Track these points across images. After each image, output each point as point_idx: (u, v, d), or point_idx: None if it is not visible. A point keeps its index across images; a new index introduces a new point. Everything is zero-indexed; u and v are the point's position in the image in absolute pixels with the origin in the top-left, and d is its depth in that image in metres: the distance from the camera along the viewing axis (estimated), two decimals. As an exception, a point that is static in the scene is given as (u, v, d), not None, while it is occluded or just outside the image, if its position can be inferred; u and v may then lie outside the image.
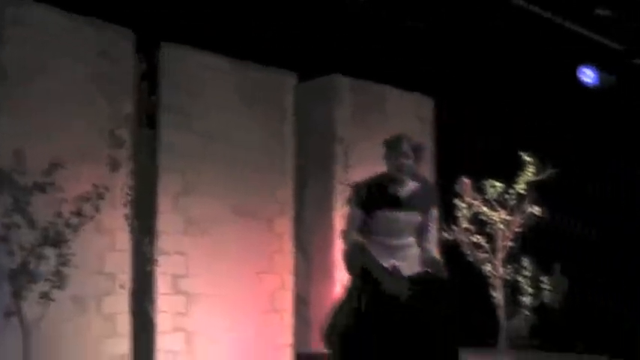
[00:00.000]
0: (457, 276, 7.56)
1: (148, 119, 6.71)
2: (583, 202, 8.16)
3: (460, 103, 8.69)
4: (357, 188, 5.03)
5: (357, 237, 4.90)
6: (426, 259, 4.85)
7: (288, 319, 7.43)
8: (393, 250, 4.83)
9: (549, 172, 6.94)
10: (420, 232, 4.94)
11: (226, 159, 7.08)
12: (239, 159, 7.18)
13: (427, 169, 8.16)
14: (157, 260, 6.55)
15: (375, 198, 4.92)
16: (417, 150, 4.97)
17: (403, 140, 4.96)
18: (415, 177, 4.99)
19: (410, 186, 4.94)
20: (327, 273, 7.67)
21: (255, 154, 7.32)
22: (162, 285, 6.57)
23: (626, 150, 8.10)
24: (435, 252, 4.95)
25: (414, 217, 4.91)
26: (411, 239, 4.90)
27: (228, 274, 6.98)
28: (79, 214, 5.87)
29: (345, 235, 4.99)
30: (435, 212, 5.06)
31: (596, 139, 8.24)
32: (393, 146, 4.93)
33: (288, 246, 7.52)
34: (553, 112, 8.31)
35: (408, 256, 4.84)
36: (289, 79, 7.65)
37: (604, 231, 8.05)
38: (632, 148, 8.07)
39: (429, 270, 4.79)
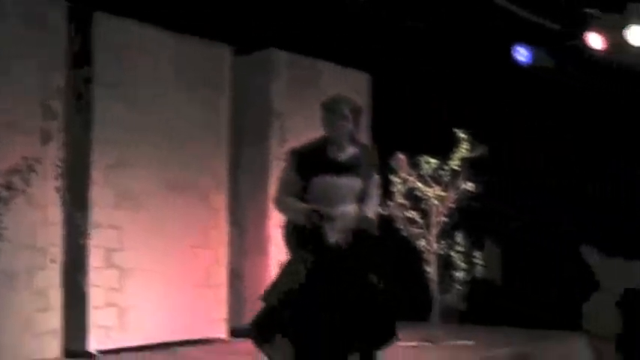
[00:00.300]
0: (392, 251, 7.68)
1: (81, 91, 6.58)
2: (515, 178, 8.30)
3: (396, 79, 8.74)
4: (293, 153, 4.84)
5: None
6: (359, 218, 4.71)
7: (222, 294, 7.42)
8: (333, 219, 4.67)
9: (483, 148, 7.02)
10: (361, 199, 4.80)
11: (161, 132, 6.99)
12: (174, 132, 7.10)
13: (366, 136, 8.21)
14: (89, 234, 6.46)
15: (312, 163, 4.74)
16: (356, 113, 4.84)
17: (342, 102, 4.81)
18: (354, 141, 4.84)
19: (349, 150, 4.79)
20: (262, 248, 7.67)
21: (190, 128, 7.24)
22: (95, 259, 6.48)
23: (559, 127, 8.26)
24: (371, 213, 4.80)
25: (355, 183, 4.76)
26: (353, 206, 4.75)
27: (163, 248, 6.93)
28: (9, 187, 5.77)
29: (277, 199, 4.83)
30: (376, 177, 4.94)
31: (528, 116, 8.37)
32: (331, 108, 4.78)
33: (223, 221, 7.49)
34: (487, 89, 8.41)
35: (348, 225, 4.70)
36: (226, 53, 7.59)
37: (536, 206, 8.22)
38: (565, 125, 8.23)
39: (361, 227, 4.67)
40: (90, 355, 6.34)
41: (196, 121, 7.30)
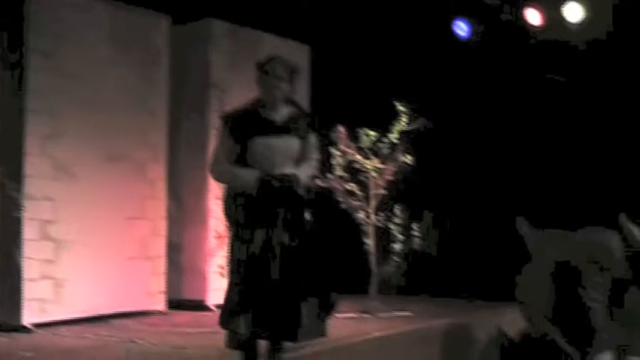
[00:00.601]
0: (331, 223, 7.69)
1: (13, 60, 6.42)
2: (453, 150, 8.39)
3: (336, 51, 8.72)
4: (226, 118, 4.75)
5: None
6: (288, 175, 4.65)
7: (160, 266, 7.36)
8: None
9: (422, 122, 7.06)
10: (300, 163, 4.73)
11: (97, 102, 6.87)
12: (110, 103, 6.99)
13: (305, 97, 8.19)
14: (24, 206, 6.34)
15: (247, 126, 4.63)
16: (292, 73, 4.75)
17: (277, 62, 4.71)
18: (290, 102, 4.78)
19: (284, 111, 4.71)
20: (201, 219, 7.63)
21: (127, 98, 7.14)
22: (29, 231, 6.36)
23: (496, 100, 8.36)
24: (304, 175, 4.73)
25: (293, 144, 4.69)
26: (291, 171, 4.68)
27: (99, 220, 6.83)
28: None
29: (215, 168, 4.73)
30: (314, 139, 4.86)
31: (468, 90, 8.45)
32: (266, 69, 4.68)
33: (160, 192, 7.42)
34: (428, 63, 8.45)
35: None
36: (163, 22, 7.48)
37: (473, 178, 8.33)
38: (502, 98, 8.33)
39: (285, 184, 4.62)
40: (24, 328, 6.24)
41: (133, 92, 7.19)
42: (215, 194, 6.79)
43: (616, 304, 5.32)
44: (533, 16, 8.02)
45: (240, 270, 4.62)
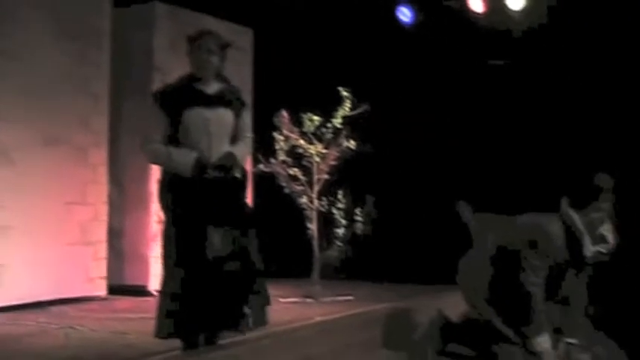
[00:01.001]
0: (274, 209, 7.70)
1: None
2: (396, 135, 8.44)
3: (280, 35, 8.68)
4: (157, 94, 4.69)
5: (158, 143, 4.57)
6: (225, 154, 4.61)
7: (102, 252, 7.28)
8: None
9: (365, 107, 7.09)
10: (234, 139, 4.71)
11: (37, 85, 6.75)
12: (51, 86, 6.87)
13: (248, 82, 8.13)
14: (-41, 190, 6.21)
15: (180, 99, 4.58)
16: (223, 48, 4.74)
17: (208, 36, 4.70)
18: (221, 77, 4.76)
19: (217, 86, 4.69)
20: (143, 204, 7.57)
21: (68, 82, 7.02)
22: (-35, 217, 6.24)
23: (438, 87, 8.42)
24: (240, 153, 4.73)
25: (228, 118, 4.66)
26: (229, 150, 4.65)
27: (38, 205, 6.72)
28: None
29: (148, 147, 4.65)
30: (247, 116, 4.87)
31: (410, 76, 8.49)
32: (198, 43, 4.65)
33: (102, 176, 7.33)
34: (371, 48, 8.47)
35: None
36: (105, 4, 7.37)
37: (415, 164, 8.39)
38: (444, 86, 8.40)
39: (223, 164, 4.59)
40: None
41: (74, 75, 7.07)
42: (157, 179, 6.72)
43: (554, 288, 5.42)
44: (476, 3, 8.09)
45: (177, 260, 4.59)
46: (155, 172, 6.51)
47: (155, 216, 7.40)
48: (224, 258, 4.61)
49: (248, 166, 7.97)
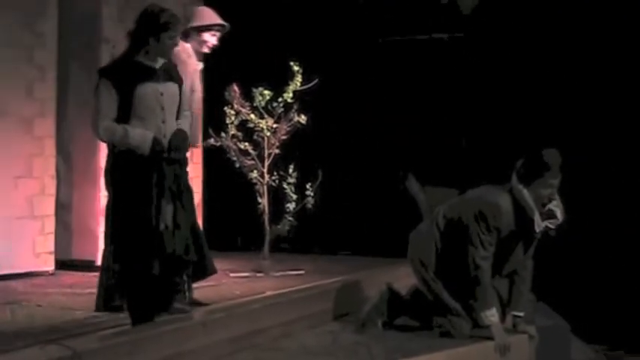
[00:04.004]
0: (225, 183, 7.67)
1: None
2: (346, 109, 8.45)
3: (231, 8, 8.59)
4: (105, 70, 4.72)
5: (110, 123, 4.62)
6: (176, 132, 4.74)
7: (49, 226, 7.17)
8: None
9: (315, 81, 7.08)
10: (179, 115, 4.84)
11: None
12: (-6, 56, 6.72)
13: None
14: None
15: (131, 74, 4.64)
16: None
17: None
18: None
19: (160, 60, 4.77)
20: (92, 178, 7.45)
21: (12, 51, 6.85)
22: None
23: (388, 61, 8.43)
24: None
25: (176, 92, 4.76)
26: (179, 127, 4.78)
27: (-17, 179, 6.60)
28: None
29: (102, 126, 4.67)
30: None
31: (360, 50, 8.49)
32: (169, 28, 4.76)
33: (49, 149, 7.20)
34: (322, 22, 8.44)
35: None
36: (51, -27, 7.21)
37: (368, 138, 8.43)
38: (394, 59, 8.42)
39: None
40: None
41: (19, 45, 6.91)
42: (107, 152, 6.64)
43: (502, 262, 5.49)
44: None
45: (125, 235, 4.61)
46: (104, 145, 6.44)
47: (104, 191, 7.31)
48: (174, 235, 4.65)
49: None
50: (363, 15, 8.31)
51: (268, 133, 7.05)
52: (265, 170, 7.10)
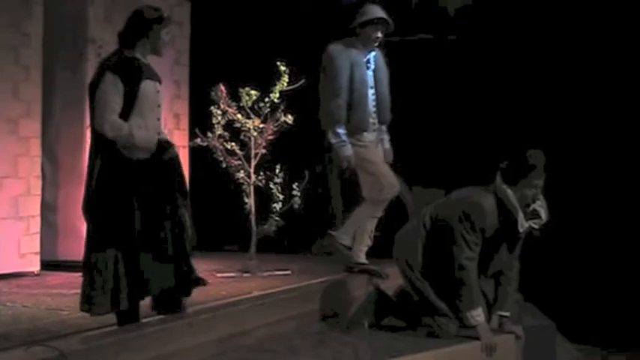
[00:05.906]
0: (211, 183, 7.66)
1: None
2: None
3: (217, 9, 8.61)
4: (114, 65, 4.66)
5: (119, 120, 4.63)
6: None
7: (34, 226, 7.15)
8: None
9: (302, 81, 7.08)
10: None
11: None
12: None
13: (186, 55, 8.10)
14: None
15: (135, 70, 4.65)
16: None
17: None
18: None
19: (148, 57, 4.85)
20: (77, 178, 7.40)
21: (-3, 51, 6.85)
22: None
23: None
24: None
25: (160, 89, 4.85)
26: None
27: (-33, 179, 6.57)
28: None
29: (107, 117, 4.59)
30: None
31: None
32: (164, 27, 4.79)
33: (35, 149, 7.17)
34: (309, 22, 8.44)
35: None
36: (36, -28, 7.18)
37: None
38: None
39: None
40: None
41: (4, 45, 6.89)
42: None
43: (488, 262, 5.50)
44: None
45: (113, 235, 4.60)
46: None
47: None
48: (166, 233, 4.67)
49: (185, 140, 8.00)
50: (349, 15, 8.30)
51: (255, 133, 7.05)
52: (252, 170, 7.10)
